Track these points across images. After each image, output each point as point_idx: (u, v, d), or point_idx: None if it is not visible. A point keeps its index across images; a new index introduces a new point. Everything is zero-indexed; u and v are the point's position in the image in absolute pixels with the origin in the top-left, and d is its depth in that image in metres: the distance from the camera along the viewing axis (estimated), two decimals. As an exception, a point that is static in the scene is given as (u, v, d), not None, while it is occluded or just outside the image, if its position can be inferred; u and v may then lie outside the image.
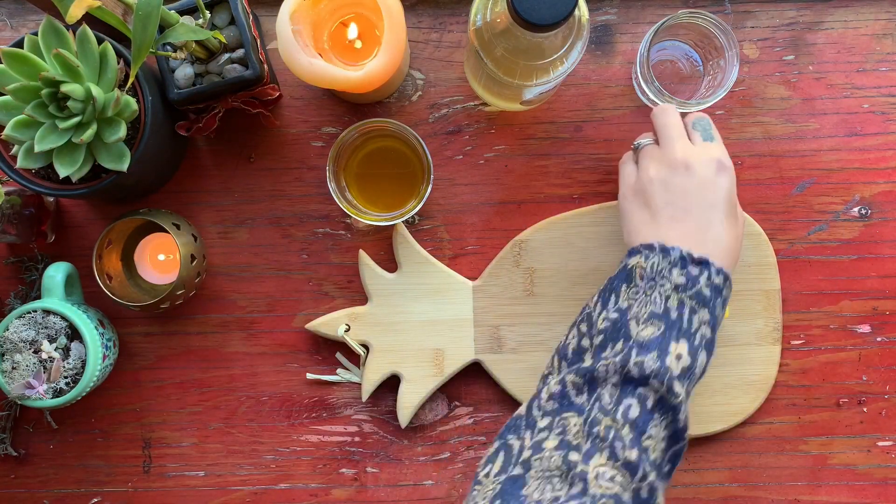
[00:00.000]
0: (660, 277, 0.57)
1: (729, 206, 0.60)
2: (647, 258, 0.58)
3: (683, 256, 0.57)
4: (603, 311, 0.58)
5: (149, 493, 0.74)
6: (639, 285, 0.58)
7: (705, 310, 0.57)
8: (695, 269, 0.57)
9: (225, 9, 0.66)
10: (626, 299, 0.58)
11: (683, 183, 0.60)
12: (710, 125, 0.63)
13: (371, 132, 0.69)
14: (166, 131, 0.67)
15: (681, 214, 0.59)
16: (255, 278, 0.74)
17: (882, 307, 0.73)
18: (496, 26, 0.59)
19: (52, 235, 0.73)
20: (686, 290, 0.57)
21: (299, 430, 0.74)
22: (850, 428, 0.73)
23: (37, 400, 0.66)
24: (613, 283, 0.59)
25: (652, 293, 0.57)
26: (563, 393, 0.56)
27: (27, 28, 0.74)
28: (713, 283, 0.57)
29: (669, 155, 0.61)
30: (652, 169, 0.61)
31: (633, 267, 0.59)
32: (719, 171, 0.60)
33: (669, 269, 0.57)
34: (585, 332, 0.59)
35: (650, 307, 0.56)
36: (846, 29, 0.74)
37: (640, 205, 0.62)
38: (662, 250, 0.58)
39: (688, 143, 0.62)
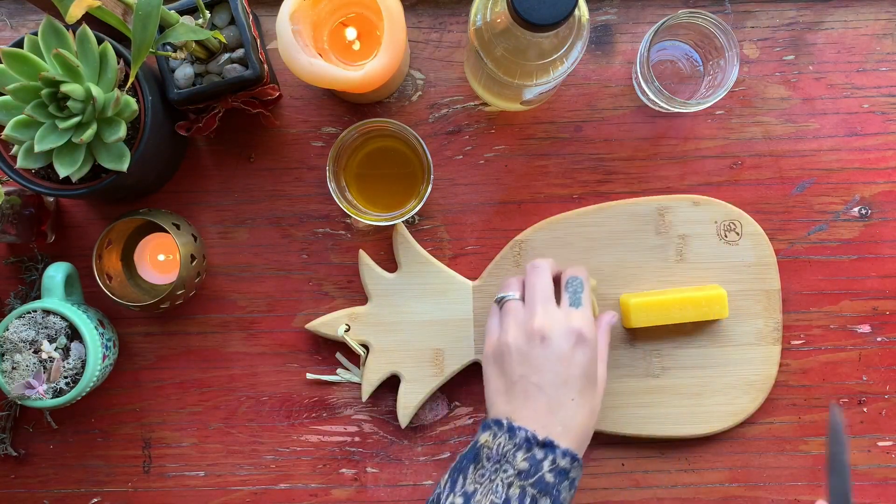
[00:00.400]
0: (504, 461, 0.56)
1: (584, 382, 0.59)
2: (495, 437, 0.58)
3: (528, 438, 0.57)
4: (450, 494, 0.57)
5: (149, 493, 0.74)
6: (485, 467, 0.57)
7: (546, 498, 0.56)
8: (539, 453, 0.56)
9: (225, 9, 0.66)
10: (473, 482, 0.57)
11: (538, 355, 0.59)
12: (582, 287, 0.62)
13: (371, 132, 0.69)
14: (166, 131, 0.67)
15: (533, 390, 0.58)
16: (255, 278, 0.74)
17: (882, 307, 0.73)
18: (496, 26, 0.59)
19: (52, 235, 0.73)
20: (528, 477, 0.56)
21: (299, 430, 0.74)
22: (850, 428, 0.73)
23: (37, 400, 0.66)
24: (462, 462, 0.59)
25: (496, 479, 0.56)
26: None
27: (27, 28, 0.74)
28: (558, 467, 0.56)
29: (528, 322, 0.60)
30: (511, 333, 0.61)
31: (482, 446, 0.58)
32: (577, 345, 0.59)
33: (514, 452, 0.56)
34: None
35: (491, 496, 0.55)
36: (846, 29, 0.74)
37: (498, 372, 0.61)
38: (510, 429, 0.57)
39: (549, 310, 0.60)
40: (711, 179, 0.74)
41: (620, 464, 0.73)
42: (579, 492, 0.73)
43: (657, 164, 0.74)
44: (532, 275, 0.63)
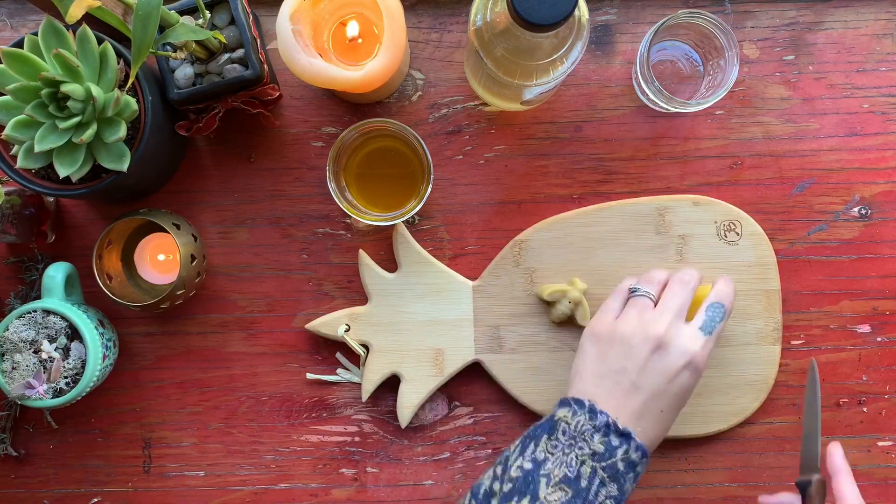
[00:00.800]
0: (580, 439, 0.57)
1: (676, 402, 0.59)
2: (575, 414, 0.58)
3: (608, 424, 0.57)
4: (519, 457, 0.58)
5: (149, 493, 0.74)
6: (560, 440, 0.57)
7: (615, 485, 0.56)
8: (616, 440, 0.57)
9: (225, 9, 0.66)
10: (544, 451, 0.57)
11: (649, 360, 0.59)
12: (721, 318, 0.61)
13: (371, 132, 0.69)
14: (166, 131, 0.67)
15: (628, 387, 0.58)
16: (255, 278, 0.74)
17: (882, 307, 0.73)
18: (496, 26, 0.59)
19: (52, 235, 0.73)
20: (602, 459, 0.56)
21: (299, 430, 0.74)
22: (850, 428, 0.73)
23: (37, 400, 0.66)
24: (536, 430, 0.59)
25: (569, 453, 0.56)
26: None
27: (27, 28, 0.74)
28: (629, 458, 0.57)
29: (653, 324, 0.60)
30: (630, 325, 0.60)
31: (559, 420, 0.58)
32: (687, 368, 0.59)
33: (592, 434, 0.57)
34: (499, 475, 0.58)
35: (564, 469, 0.56)
36: (846, 29, 0.74)
37: (599, 353, 0.61)
38: (591, 411, 0.58)
39: (678, 324, 0.60)
40: (711, 179, 0.74)
41: (620, 464, 0.73)
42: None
43: (657, 164, 0.74)
44: (678, 285, 0.62)
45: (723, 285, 0.63)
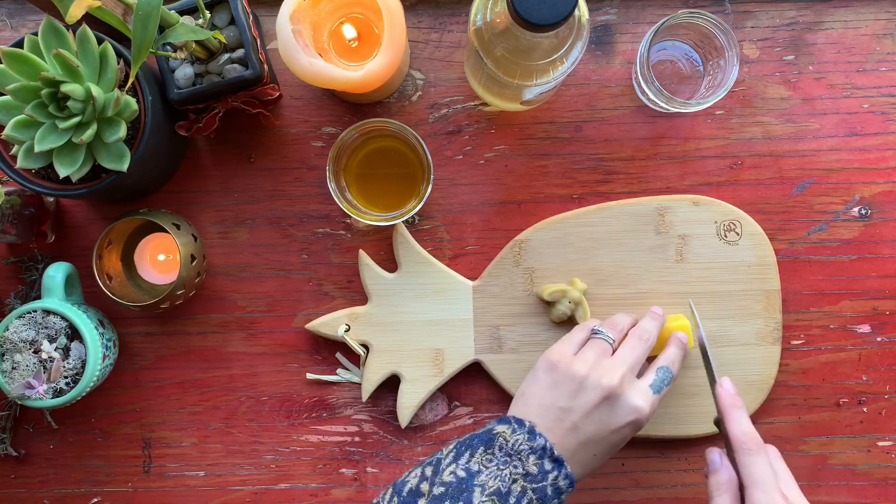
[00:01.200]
0: (516, 457, 0.58)
1: (610, 450, 0.61)
2: (514, 432, 0.59)
3: (545, 448, 0.58)
4: (453, 464, 0.58)
5: (149, 493, 0.74)
6: (496, 455, 0.58)
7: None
8: (549, 465, 0.58)
9: (225, 9, 0.66)
10: (478, 463, 0.58)
11: (595, 409, 0.60)
12: (669, 381, 0.63)
13: (371, 132, 0.69)
14: (166, 131, 0.67)
15: (569, 426, 0.59)
16: (255, 278, 0.74)
17: (882, 307, 0.73)
18: (496, 26, 0.59)
19: (52, 235, 0.73)
20: (533, 481, 0.57)
21: (299, 430, 0.74)
22: (850, 428, 0.73)
23: (37, 400, 0.66)
24: (473, 440, 0.59)
25: (504, 469, 0.57)
26: None
27: (27, 28, 0.74)
28: (558, 485, 0.58)
29: (608, 374, 0.60)
30: (586, 367, 0.61)
31: (498, 434, 0.59)
32: (630, 425, 0.60)
33: (528, 454, 0.58)
34: (429, 476, 0.58)
35: (498, 483, 0.57)
36: (846, 29, 0.74)
37: (550, 384, 0.61)
38: (530, 433, 0.59)
39: (631, 379, 0.61)
40: (711, 179, 0.74)
41: (620, 464, 0.73)
42: (580, 492, 0.73)
43: (657, 164, 0.74)
44: (636, 340, 0.64)
45: (672, 351, 0.65)
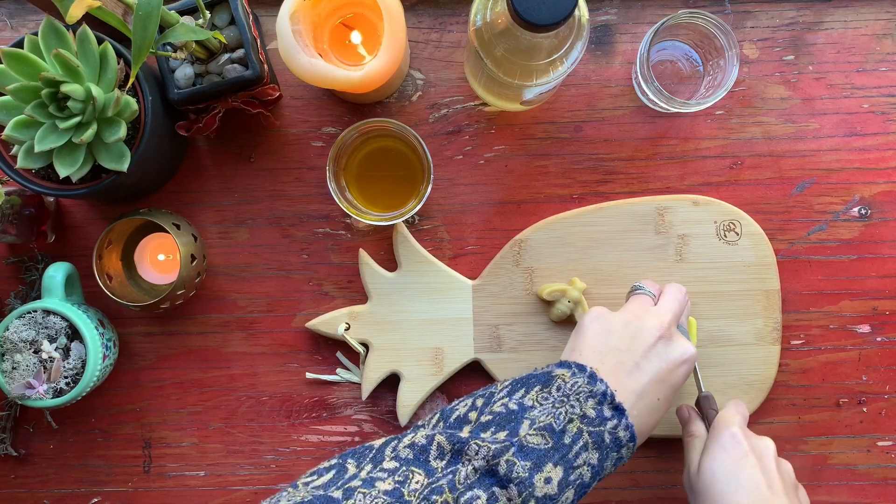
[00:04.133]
0: (574, 399, 0.56)
1: (671, 394, 0.60)
2: (574, 375, 0.57)
3: (606, 393, 0.56)
4: (506, 398, 0.56)
5: (149, 493, 0.74)
6: (552, 395, 0.56)
7: (596, 453, 0.55)
8: (608, 412, 0.56)
9: (225, 9, 0.66)
10: (533, 399, 0.56)
11: (654, 346, 0.59)
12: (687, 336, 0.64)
13: (371, 132, 0.69)
14: (166, 131, 0.67)
15: (630, 367, 0.58)
16: (255, 278, 0.74)
17: (882, 307, 0.73)
18: (496, 26, 0.59)
19: (52, 235, 0.73)
20: (591, 424, 0.55)
21: (299, 430, 0.74)
22: (850, 428, 0.73)
23: (37, 400, 0.66)
24: (530, 379, 0.58)
25: (560, 408, 0.55)
26: (424, 448, 0.53)
27: (27, 28, 0.74)
28: (617, 435, 0.56)
29: (660, 316, 0.61)
30: (636, 314, 0.61)
31: (556, 376, 0.57)
32: (685, 364, 0.60)
33: (587, 398, 0.56)
34: (479, 406, 0.56)
35: (550, 419, 0.54)
36: (846, 29, 0.74)
37: (602, 331, 0.60)
38: (591, 377, 0.57)
39: (675, 324, 0.62)
40: (711, 179, 0.74)
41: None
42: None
43: (657, 164, 0.74)
44: (677, 291, 0.65)
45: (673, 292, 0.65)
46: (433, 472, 0.52)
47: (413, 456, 0.53)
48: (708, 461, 0.60)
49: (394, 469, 0.52)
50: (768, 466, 0.59)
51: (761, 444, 0.61)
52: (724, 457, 0.59)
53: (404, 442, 0.54)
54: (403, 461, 0.53)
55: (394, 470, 0.52)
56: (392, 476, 0.52)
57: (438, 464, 0.53)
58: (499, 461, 0.52)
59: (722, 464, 0.59)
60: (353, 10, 0.69)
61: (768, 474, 0.59)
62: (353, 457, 0.54)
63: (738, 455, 0.59)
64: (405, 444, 0.54)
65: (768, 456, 0.60)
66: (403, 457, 0.53)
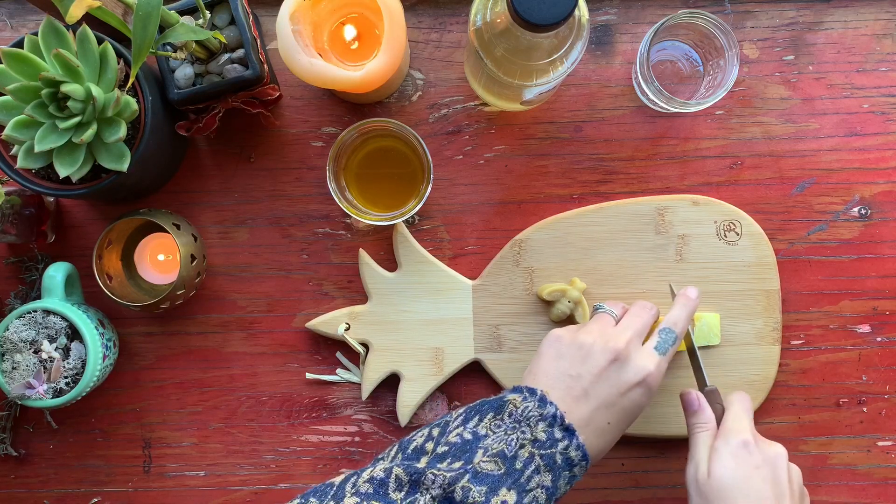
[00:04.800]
0: (525, 424, 0.57)
1: (624, 417, 0.60)
2: (525, 400, 0.58)
3: (555, 416, 0.57)
4: (461, 427, 0.58)
5: (149, 493, 0.74)
6: (504, 421, 0.57)
7: (549, 475, 0.56)
8: (559, 433, 0.57)
9: (225, 9, 0.66)
10: (486, 427, 0.57)
11: (604, 371, 0.59)
12: (673, 342, 0.62)
13: (371, 132, 0.69)
14: (166, 131, 0.67)
15: (579, 393, 0.59)
16: (255, 278, 0.74)
17: (882, 307, 0.73)
18: (496, 26, 0.59)
19: (52, 235, 0.73)
20: (541, 447, 0.56)
21: (299, 430, 0.74)
22: (850, 428, 0.73)
23: (37, 400, 0.66)
24: (483, 406, 0.59)
25: (511, 434, 0.57)
26: (383, 482, 0.55)
27: (27, 28, 0.74)
28: (568, 455, 0.57)
29: (614, 339, 0.61)
30: (591, 336, 0.61)
31: (508, 402, 0.58)
32: (640, 385, 0.60)
33: (537, 421, 0.57)
34: (435, 437, 0.58)
35: (502, 446, 0.56)
36: (846, 29, 0.74)
37: (555, 355, 0.61)
38: (541, 400, 0.58)
39: (636, 343, 0.61)
40: (711, 179, 0.74)
41: (620, 464, 0.73)
42: (579, 491, 0.73)
43: (657, 164, 0.74)
44: (640, 308, 0.64)
45: (676, 311, 0.64)
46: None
47: (373, 490, 0.55)
48: (718, 468, 0.59)
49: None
50: (780, 478, 0.59)
51: (772, 453, 0.60)
52: (735, 467, 0.59)
53: (363, 477, 0.56)
54: (364, 496, 0.54)
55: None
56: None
57: (398, 495, 0.54)
58: (454, 488, 0.54)
59: (733, 474, 0.59)
60: (353, 10, 0.69)
61: (779, 487, 0.59)
62: (315, 495, 0.56)
63: (750, 466, 0.59)
64: (364, 479, 0.56)
65: (781, 467, 0.60)
66: (363, 491, 0.55)
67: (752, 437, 0.60)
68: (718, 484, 0.59)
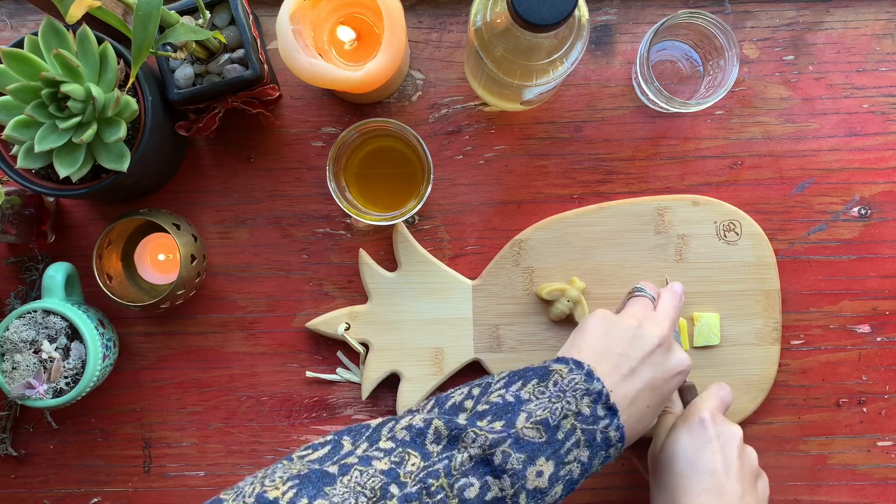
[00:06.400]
0: (570, 395, 0.56)
1: (661, 401, 0.60)
2: (571, 371, 0.57)
3: (601, 393, 0.56)
4: (503, 389, 0.57)
5: (149, 493, 0.74)
6: (549, 389, 0.56)
7: (587, 450, 0.56)
8: (602, 411, 0.56)
9: (225, 9, 0.66)
10: (530, 393, 0.56)
11: (652, 354, 0.59)
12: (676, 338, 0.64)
13: (371, 132, 0.69)
14: (166, 131, 0.67)
15: (626, 371, 0.59)
16: (255, 278, 0.74)
17: (882, 307, 0.73)
18: (496, 26, 0.59)
19: (52, 235, 0.73)
20: (584, 422, 0.56)
21: (299, 430, 0.74)
22: (850, 428, 0.73)
23: (37, 400, 0.66)
24: (528, 373, 0.58)
25: (556, 403, 0.56)
26: (421, 432, 0.54)
27: (27, 28, 0.74)
28: (608, 435, 0.56)
29: (660, 326, 0.61)
30: (637, 319, 0.61)
31: (554, 371, 0.57)
32: (680, 374, 0.61)
33: (582, 395, 0.56)
34: (476, 395, 0.57)
35: (546, 413, 0.55)
36: (846, 29, 0.74)
37: (604, 332, 0.61)
38: (589, 375, 0.57)
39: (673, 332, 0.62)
40: (711, 179, 0.74)
41: (620, 464, 0.73)
42: (580, 491, 0.73)
43: (657, 164, 0.74)
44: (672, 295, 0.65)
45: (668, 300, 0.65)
46: (429, 456, 0.53)
47: (410, 438, 0.53)
48: (672, 442, 0.61)
49: (390, 449, 0.53)
50: (730, 453, 0.60)
51: (727, 431, 0.61)
52: (688, 440, 0.60)
53: (401, 423, 0.54)
54: (400, 442, 0.53)
55: (390, 450, 0.53)
56: (388, 456, 0.52)
57: (434, 448, 0.53)
58: (494, 451, 0.53)
59: (685, 446, 0.60)
60: (353, 10, 0.69)
61: (728, 461, 0.60)
62: (350, 434, 0.55)
63: (702, 440, 0.60)
64: (402, 425, 0.54)
65: (732, 444, 0.61)
66: (400, 438, 0.53)
67: (709, 415, 0.61)
68: (670, 456, 0.60)
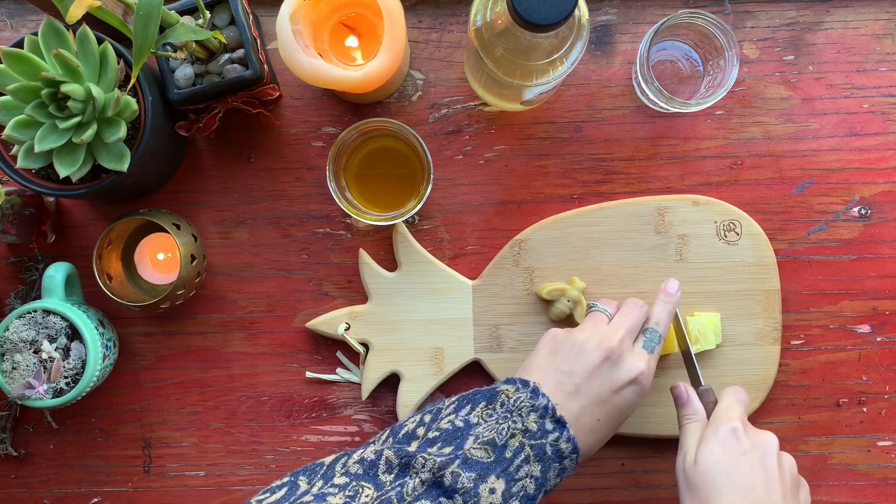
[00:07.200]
0: (516, 414, 0.57)
1: (615, 414, 0.60)
2: (517, 391, 0.58)
3: (547, 407, 0.57)
4: (453, 414, 0.58)
5: (149, 493, 0.74)
6: (496, 411, 0.58)
7: (539, 465, 0.56)
8: (550, 425, 0.57)
9: (225, 9, 0.66)
10: (478, 416, 0.57)
11: (597, 369, 0.60)
12: (659, 340, 0.63)
13: (371, 132, 0.69)
14: (166, 131, 0.67)
15: (571, 389, 0.59)
16: (255, 278, 0.74)
17: (882, 307, 0.73)
18: (496, 26, 0.59)
19: (52, 235, 0.73)
20: (532, 437, 0.57)
21: (299, 430, 0.74)
22: (850, 428, 0.73)
23: (37, 400, 0.66)
24: (476, 396, 0.59)
25: (502, 424, 0.57)
26: (373, 463, 0.55)
27: (27, 28, 0.74)
28: (559, 447, 0.57)
29: (608, 337, 0.61)
30: (585, 333, 0.61)
31: (500, 392, 0.59)
32: (633, 384, 0.60)
33: (528, 412, 0.57)
34: (427, 423, 0.58)
35: (493, 434, 0.56)
36: (846, 29, 0.74)
37: (550, 352, 0.61)
38: (534, 392, 0.58)
39: (628, 341, 0.62)
40: (711, 179, 0.74)
41: (620, 464, 0.73)
42: (580, 491, 0.73)
43: (657, 164, 0.74)
44: (632, 306, 0.64)
45: (657, 309, 0.64)
46: (382, 486, 0.54)
47: (363, 471, 0.55)
48: (705, 455, 0.59)
49: (344, 484, 0.54)
50: (769, 465, 0.58)
51: (762, 441, 0.59)
52: (723, 453, 0.58)
53: (354, 458, 0.56)
54: (353, 476, 0.55)
55: (344, 485, 0.54)
56: (343, 491, 0.53)
57: (387, 478, 0.55)
58: (444, 472, 0.54)
59: (720, 460, 0.58)
60: (353, 10, 0.69)
61: (768, 474, 0.58)
62: (305, 474, 0.56)
63: (737, 453, 0.58)
64: (355, 459, 0.56)
65: (770, 454, 0.59)
66: (353, 472, 0.55)
67: (741, 424, 0.60)
68: (704, 470, 0.58)
